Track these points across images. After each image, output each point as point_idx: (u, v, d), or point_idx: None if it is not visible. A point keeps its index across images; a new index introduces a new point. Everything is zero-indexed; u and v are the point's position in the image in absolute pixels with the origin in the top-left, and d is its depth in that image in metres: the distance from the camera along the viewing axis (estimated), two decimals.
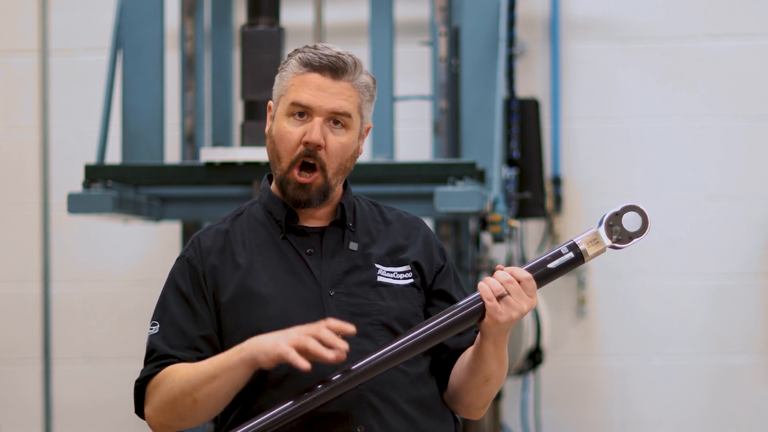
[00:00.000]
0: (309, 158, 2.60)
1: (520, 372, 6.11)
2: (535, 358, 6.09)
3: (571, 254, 2.57)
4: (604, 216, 2.59)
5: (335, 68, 2.60)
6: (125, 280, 6.53)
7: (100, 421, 6.54)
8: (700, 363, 6.37)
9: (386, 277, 2.65)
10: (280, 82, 2.67)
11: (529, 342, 5.98)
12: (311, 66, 2.61)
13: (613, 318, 6.42)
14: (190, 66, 5.96)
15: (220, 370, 2.50)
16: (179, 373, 2.54)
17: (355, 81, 2.62)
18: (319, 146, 2.59)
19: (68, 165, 6.46)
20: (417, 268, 2.68)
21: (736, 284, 6.36)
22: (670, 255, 6.37)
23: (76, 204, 5.00)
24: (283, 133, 2.62)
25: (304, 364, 2.42)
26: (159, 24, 5.38)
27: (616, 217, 2.59)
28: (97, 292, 6.56)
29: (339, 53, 2.61)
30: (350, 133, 2.63)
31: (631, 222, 2.59)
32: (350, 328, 2.46)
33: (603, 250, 2.59)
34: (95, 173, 5.04)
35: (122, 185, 5.15)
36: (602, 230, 2.59)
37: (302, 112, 2.61)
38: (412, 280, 2.66)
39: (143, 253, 6.52)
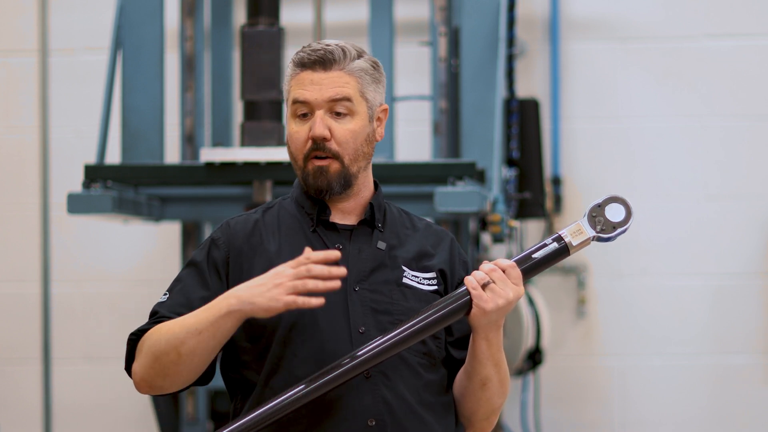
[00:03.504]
0: (319, 152, 2.64)
1: (520, 372, 6.11)
2: (535, 358, 6.09)
3: (555, 245, 2.61)
4: (588, 207, 2.63)
5: (324, 60, 2.65)
6: (125, 280, 6.53)
7: (100, 421, 6.54)
8: (700, 363, 6.38)
9: (411, 280, 2.68)
10: (284, 87, 2.73)
11: (529, 342, 5.98)
12: (302, 65, 2.66)
13: (613, 318, 6.42)
14: (190, 66, 5.96)
15: (205, 325, 2.52)
16: (165, 327, 2.56)
17: (347, 68, 2.66)
18: (324, 138, 2.63)
19: (68, 165, 6.46)
20: (442, 276, 2.71)
21: (736, 284, 6.36)
22: (670, 255, 6.37)
23: (76, 204, 5.00)
24: (291, 134, 2.68)
25: (316, 301, 2.46)
26: (159, 24, 5.38)
27: (599, 208, 2.63)
28: (97, 292, 6.56)
29: (327, 45, 2.66)
30: (357, 118, 2.66)
31: (614, 213, 2.63)
32: (333, 253, 2.48)
33: (588, 241, 2.62)
34: (95, 173, 5.04)
35: (122, 185, 5.15)
36: (585, 221, 2.62)
37: (305, 112, 2.66)
38: (436, 287, 2.69)
39: (143, 253, 6.52)
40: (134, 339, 2.61)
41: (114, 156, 5.50)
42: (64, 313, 6.58)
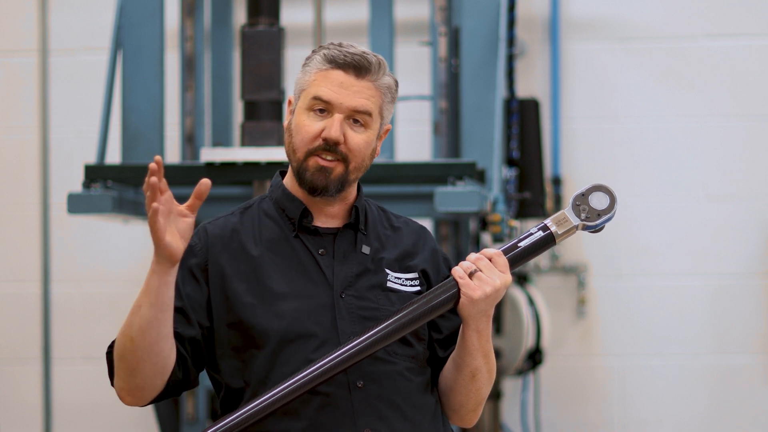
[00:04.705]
0: (328, 152, 2.60)
1: (520, 372, 6.11)
2: (535, 358, 6.09)
3: (541, 233, 2.64)
4: (572, 197, 2.68)
5: (359, 66, 2.60)
6: (125, 280, 6.53)
7: (100, 421, 6.54)
8: (700, 363, 6.38)
9: (395, 282, 2.66)
10: (302, 77, 2.65)
11: (529, 342, 5.98)
12: (335, 63, 2.60)
13: (613, 318, 6.42)
14: (190, 66, 5.96)
15: (141, 298, 2.51)
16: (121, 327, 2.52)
17: (377, 81, 2.62)
18: (337, 143, 2.60)
19: (68, 165, 6.46)
20: (425, 276, 2.70)
21: (736, 284, 6.36)
22: (670, 255, 6.37)
23: (76, 204, 5.00)
24: (301, 126, 2.62)
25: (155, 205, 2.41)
26: (159, 24, 5.38)
27: (582, 197, 2.68)
28: (97, 292, 6.56)
29: (364, 52, 2.61)
30: (369, 132, 2.64)
31: (599, 201, 2.68)
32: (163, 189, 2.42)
33: (573, 230, 2.65)
34: (95, 173, 5.04)
35: (122, 185, 5.15)
36: (570, 210, 2.66)
37: (323, 108, 2.60)
38: (419, 288, 2.68)
39: (143, 253, 6.52)
40: (109, 353, 2.57)
41: (114, 156, 5.50)
42: (64, 313, 6.58)
